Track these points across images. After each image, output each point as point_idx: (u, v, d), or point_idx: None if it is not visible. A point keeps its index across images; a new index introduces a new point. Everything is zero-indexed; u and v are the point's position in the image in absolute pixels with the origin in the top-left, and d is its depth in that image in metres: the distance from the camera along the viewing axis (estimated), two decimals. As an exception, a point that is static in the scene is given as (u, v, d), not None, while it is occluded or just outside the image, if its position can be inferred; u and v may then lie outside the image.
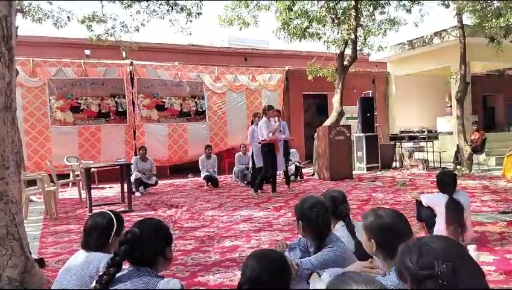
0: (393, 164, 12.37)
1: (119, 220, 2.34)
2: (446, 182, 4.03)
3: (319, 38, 11.35)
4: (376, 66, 16.30)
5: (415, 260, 1.03)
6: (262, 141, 7.71)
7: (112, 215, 2.32)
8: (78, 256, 2.25)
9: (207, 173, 9.55)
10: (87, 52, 12.05)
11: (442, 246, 1.05)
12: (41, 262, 3.79)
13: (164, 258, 1.91)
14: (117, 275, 1.80)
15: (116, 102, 11.36)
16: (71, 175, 9.01)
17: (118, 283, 1.77)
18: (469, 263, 1.03)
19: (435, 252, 1.03)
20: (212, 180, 9.45)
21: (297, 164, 10.18)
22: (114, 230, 2.27)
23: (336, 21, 10.91)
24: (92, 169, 8.09)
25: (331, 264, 2.32)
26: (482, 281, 1.02)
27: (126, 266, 1.85)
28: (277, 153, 7.84)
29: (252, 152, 8.65)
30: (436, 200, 4.02)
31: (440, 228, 3.89)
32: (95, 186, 9.37)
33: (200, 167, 9.78)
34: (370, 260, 2.11)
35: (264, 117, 7.81)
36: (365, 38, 12.12)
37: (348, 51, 10.91)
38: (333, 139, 9.97)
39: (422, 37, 13.55)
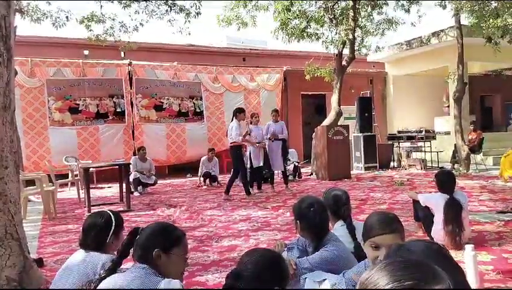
0: (391, 164, 12.40)
1: (118, 220, 2.32)
2: (446, 181, 4.04)
3: (317, 39, 11.39)
4: (374, 66, 16.33)
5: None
6: (232, 143, 7.73)
7: (111, 215, 2.31)
8: (76, 255, 2.25)
9: (206, 170, 9.59)
10: (86, 52, 12.04)
11: (420, 247, 1.06)
12: (40, 262, 3.79)
13: (167, 260, 1.84)
14: (121, 271, 1.85)
15: (114, 102, 11.36)
16: (70, 175, 9.01)
17: (122, 278, 1.80)
18: (447, 262, 1.04)
19: (412, 252, 1.04)
20: (210, 177, 9.52)
21: (296, 164, 10.20)
22: (112, 230, 2.25)
23: (334, 21, 10.94)
24: (91, 169, 8.09)
25: (329, 264, 2.34)
26: (461, 279, 1.03)
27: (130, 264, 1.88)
28: (244, 155, 7.92)
29: (250, 152, 8.67)
30: (435, 200, 4.03)
31: (438, 227, 3.90)
32: (93, 186, 9.36)
33: (200, 167, 9.79)
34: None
35: (234, 119, 7.80)
36: (363, 39, 12.14)
37: (346, 51, 10.93)
38: (331, 139, 9.98)
39: (420, 37, 13.58)
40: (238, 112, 7.83)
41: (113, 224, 2.27)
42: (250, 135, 7.96)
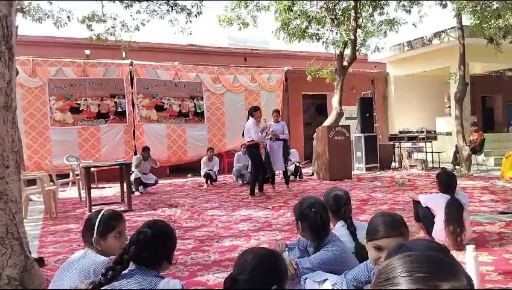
0: (392, 164, 12.39)
1: (106, 221, 2.19)
2: (448, 182, 4.03)
3: (319, 39, 11.37)
4: (375, 67, 16.32)
5: None
6: (249, 141, 7.73)
7: (99, 215, 2.21)
8: (76, 253, 2.25)
9: (207, 169, 9.61)
10: (87, 52, 12.05)
11: (421, 247, 1.06)
12: (40, 261, 3.79)
13: (168, 262, 1.94)
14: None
15: (115, 102, 11.36)
16: (71, 175, 9.01)
17: (122, 279, 1.79)
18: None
19: (411, 251, 1.04)
20: (211, 178, 9.56)
21: (297, 164, 10.19)
22: (95, 230, 2.16)
23: (336, 22, 10.93)
24: (92, 169, 8.09)
25: (330, 264, 2.33)
26: None
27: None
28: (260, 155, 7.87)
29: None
30: (436, 201, 4.02)
31: (439, 228, 3.89)
32: (94, 185, 9.37)
33: (202, 168, 9.80)
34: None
35: (251, 118, 7.81)
36: (364, 39, 12.14)
37: (347, 52, 10.92)
38: (332, 139, 9.98)
39: (422, 37, 13.58)
40: (254, 110, 7.82)
41: (96, 224, 2.16)
42: (267, 133, 7.98)
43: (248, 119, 7.84)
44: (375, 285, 0.83)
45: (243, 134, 7.97)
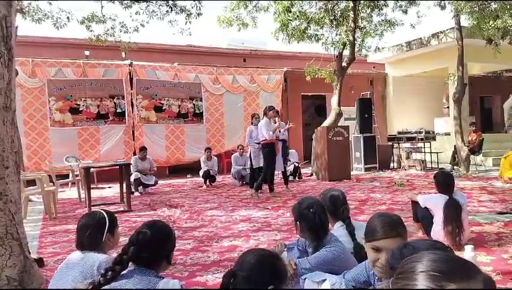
0: (391, 165, 12.40)
1: (112, 218, 2.33)
2: (446, 182, 4.04)
3: (318, 40, 11.38)
4: (374, 67, 16.34)
5: (399, 258, 1.05)
6: (263, 140, 7.74)
7: (104, 214, 2.30)
8: (74, 255, 2.25)
9: (206, 168, 9.61)
10: (87, 52, 12.04)
11: (425, 246, 1.07)
12: (40, 262, 3.79)
13: (167, 262, 1.96)
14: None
15: (115, 103, 11.37)
16: (70, 175, 9.01)
17: (121, 279, 1.79)
18: None
19: (417, 251, 1.05)
20: (210, 177, 9.56)
21: (296, 164, 10.21)
22: (106, 229, 2.25)
23: (335, 22, 10.94)
24: (91, 169, 8.09)
25: (329, 264, 2.34)
26: None
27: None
28: (277, 154, 7.87)
29: (250, 153, 8.68)
30: (434, 201, 4.03)
31: (438, 228, 3.91)
32: (94, 186, 9.36)
33: (202, 166, 9.81)
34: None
35: (264, 117, 7.84)
36: (363, 40, 12.16)
37: (346, 52, 10.94)
38: (331, 139, 9.99)
39: (420, 38, 13.60)
40: (269, 110, 7.85)
41: (107, 223, 2.26)
42: (280, 131, 7.97)
43: (263, 118, 7.88)
44: (400, 267, 0.88)
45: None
